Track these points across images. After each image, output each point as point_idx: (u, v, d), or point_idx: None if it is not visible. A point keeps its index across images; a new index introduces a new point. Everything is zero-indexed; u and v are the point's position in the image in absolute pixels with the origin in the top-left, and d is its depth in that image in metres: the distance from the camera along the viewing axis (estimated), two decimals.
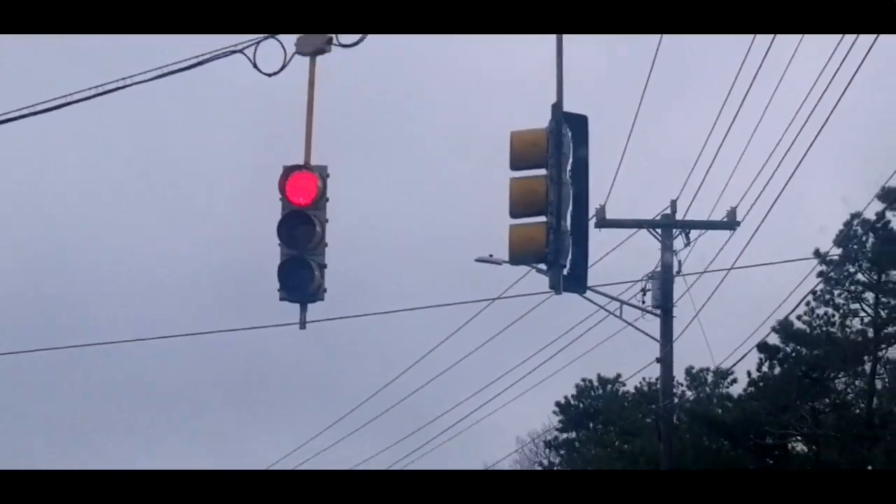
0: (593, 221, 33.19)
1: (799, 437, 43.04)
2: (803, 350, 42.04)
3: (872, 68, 19.29)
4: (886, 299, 41.07)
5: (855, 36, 18.81)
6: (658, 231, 35.24)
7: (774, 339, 41.74)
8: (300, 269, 17.51)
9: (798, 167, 24.06)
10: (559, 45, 17.45)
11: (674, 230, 34.94)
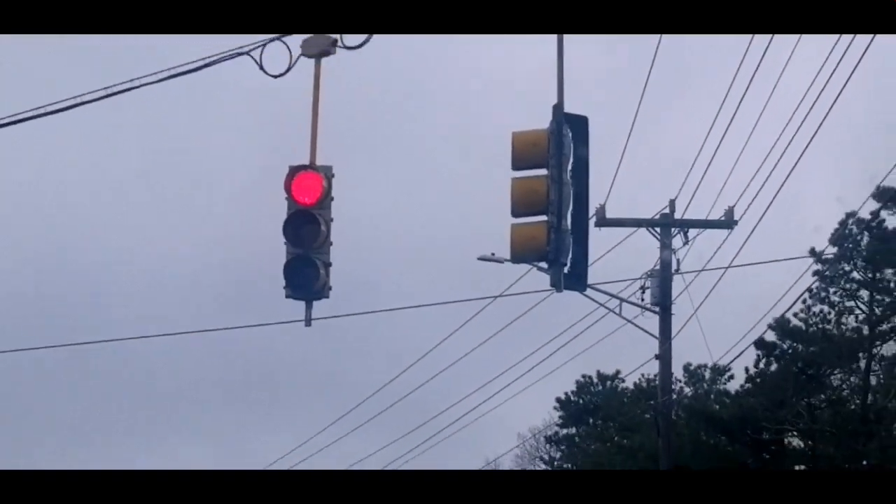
0: (593, 220, 33.09)
1: (795, 433, 42.94)
2: (799, 347, 41.92)
3: (867, 68, 19.17)
4: (881, 297, 41.00)
5: (852, 36, 18.61)
6: (657, 230, 35.16)
7: (771, 337, 41.70)
8: (306, 268, 17.48)
9: (794, 167, 23.98)
10: (560, 47, 17.42)
11: (672, 229, 34.87)
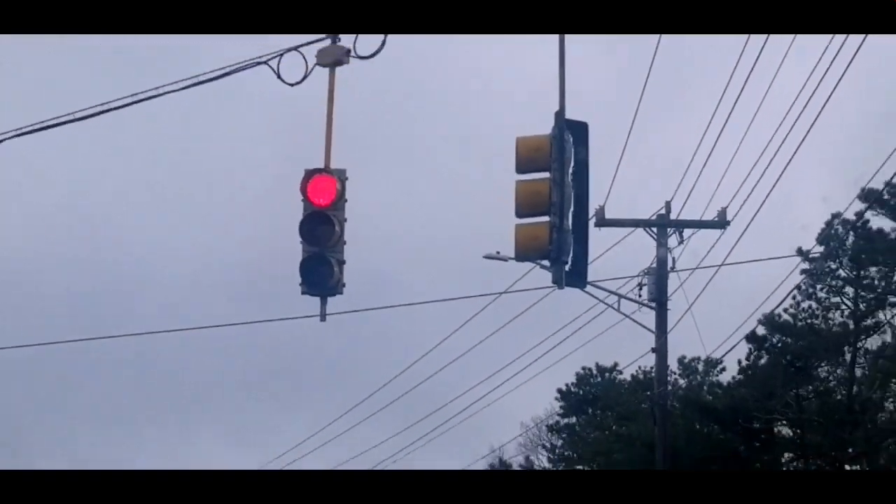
0: (593, 221, 33.20)
1: (784, 422, 43.02)
2: (788, 341, 41.97)
3: (857, 68, 19.07)
4: (865, 294, 41.06)
5: (845, 36, 18.36)
6: (654, 230, 35.24)
7: (762, 331, 41.80)
8: (320, 266, 17.54)
9: (785, 170, 24.17)
10: (561, 55, 17.48)
11: (668, 229, 34.97)
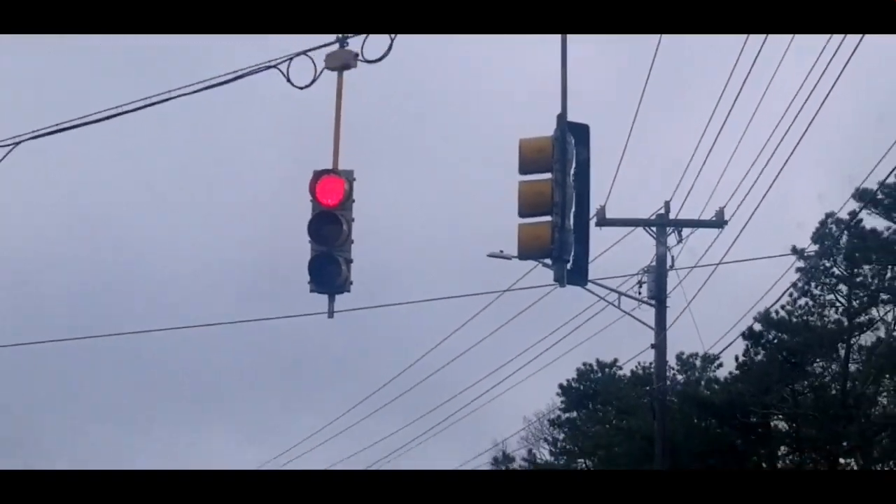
0: (594, 220, 33.11)
1: (780, 416, 42.92)
2: (784, 337, 41.88)
3: (854, 68, 18.89)
4: (858, 291, 41.02)
5: (843, 36, 18.17)
6: (653, 229, 35.22)
7: (758, 328, 41.66)
8: (329, 264, 17.50)
9: (781, 171, 23.99)
10: (563, 59, 17.37)
11: (667, 228, 34.94)
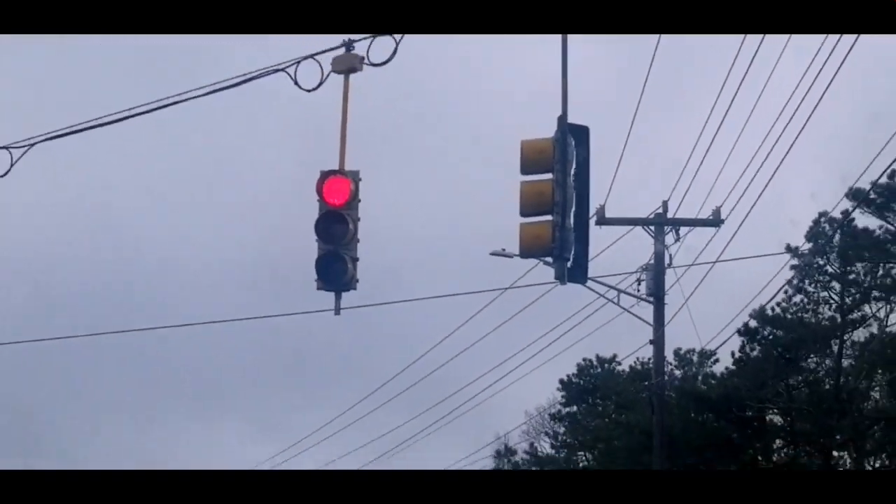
0: (594, 220, 33.17)
1: (775, 411, 42.97)
2: (779, 333, 41.89)
3: (849, 68, 18.84)
4: (851, 289, 41.06)
5: (838, 37, 18.04)
6: (651, 228, 35.25)
7: (754, 324, 41.71)
8: (335, 263, 17.48)
9: (777, 170, 24.05)
10: (564, 61, 17.38)
11: (665, 227, 34.97)
